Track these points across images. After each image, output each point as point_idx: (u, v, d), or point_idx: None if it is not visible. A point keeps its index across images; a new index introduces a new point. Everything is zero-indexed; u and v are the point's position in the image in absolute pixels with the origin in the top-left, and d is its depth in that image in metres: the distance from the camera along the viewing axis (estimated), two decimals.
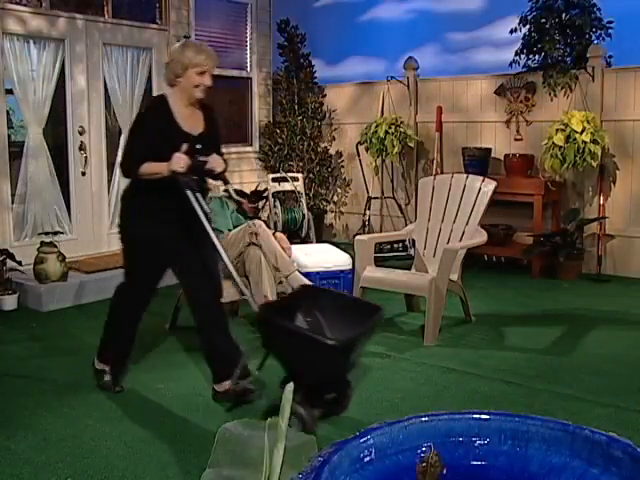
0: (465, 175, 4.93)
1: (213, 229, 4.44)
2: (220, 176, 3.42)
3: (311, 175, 7.59)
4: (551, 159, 5.85)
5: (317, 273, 4.59)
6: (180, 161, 3.13)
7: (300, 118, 7.54)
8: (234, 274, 3.24)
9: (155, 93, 6.61)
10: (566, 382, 3.64)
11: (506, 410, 1.86)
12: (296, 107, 7.57)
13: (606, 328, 4.66)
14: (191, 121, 3.31)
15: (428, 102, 7.07)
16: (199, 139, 3.29)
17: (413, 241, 5.11)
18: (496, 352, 4.14)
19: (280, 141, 7.53)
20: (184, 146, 3.18)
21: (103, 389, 3.53)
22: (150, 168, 3.16)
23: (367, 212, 7.29)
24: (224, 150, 7.28)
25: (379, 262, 4.87)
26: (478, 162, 6.40)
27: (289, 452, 1.72)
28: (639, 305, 5.23)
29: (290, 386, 1.67)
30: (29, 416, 3.23)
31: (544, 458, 1.65)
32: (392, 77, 7.24)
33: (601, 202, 6.09)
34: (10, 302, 5.07)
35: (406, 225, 6.43)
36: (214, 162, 3.30)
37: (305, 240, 6.70)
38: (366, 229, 7.23)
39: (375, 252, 4.82)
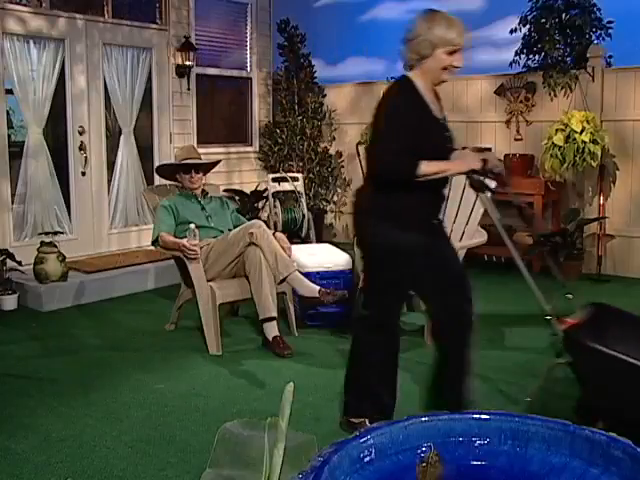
0: (465, 175, 4.92)
1: (211, 228, 4.51)
2: (499, 177, 2.90)
3: (311, 175, 7.58)
4: (551, 159, 5.85)
5: (317, 273, 4.59)
6: (476, 157, 2.75)
7: (300, 118, 7.54)
8: (528, 278, 2.95)
9: (155, 93, 6.62)
10: (566, 382, 3.63)
11: (506, 410, 1.86)
12: (296, 107, 7.57)
13: None
14: (437, 107, 2.87)
15: None
16: (447, 127, 2.89)
17: None
18: (496, 352, 4.14)
19: (280, 141, 7.52)
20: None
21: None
22: (433, 167, 2.68)
23: None
24: (223, 150, 7.22)
25: None
26: None
27: (289, 452, 1.72)
28: (639, 305, 5.22)
29: (290, 386, 1.67)
30: (29, 416, 3.23)
31: (544, 458, 1.64)
32: (392, 77, 7.23)
33: (601, 202, 6.09)
34: (10, 302, 5.07)
35: None
36: (494, 159, 2.85)
37: (305, 240, 6.70)
38: None
39: None
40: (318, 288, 4.16)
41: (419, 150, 2.67)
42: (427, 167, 2.66)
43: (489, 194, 2.96)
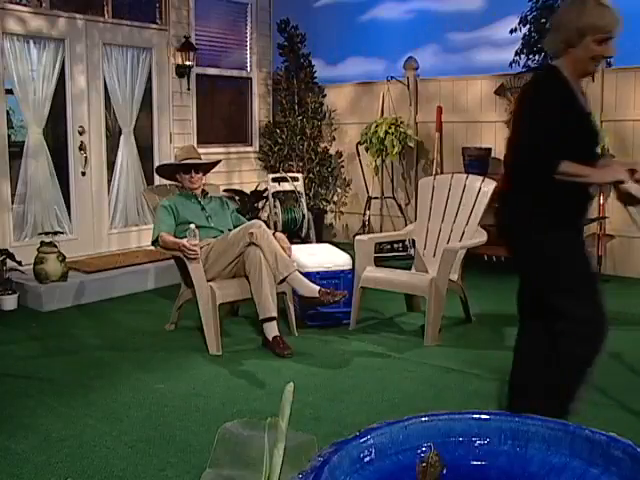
0: (465, 175, 4.93)
1: (211, 228, 4.51)
2: None
3: (311, 175, 7.59)
4: None
5: (317, 273, 4.59)
6: (622, 167, 2.56)
7: (300, 118, 7.54)
8: None
9: (155, 93, 6.62)
10: None
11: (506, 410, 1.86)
12: (296, 107, 7.57)
13: None
14: (584, 101, 2.61)
15: (428, 102, 7.06)
16: (595, 123, 2.67)
17: (413, 241, 5.11)
18: (496, 352, 4.13)
19: (280, 141, 7.53)
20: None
21: None
22: (575, 169, 2.44)
23: (367, 212, 7.28)
24: (223, 150, 7.20)
25: (379, 262, 4.87)
26: (478, 162, 6.40)
27: (289, 452, 1.72)
28: (639, 305, 5.22)
29: (290, 386, 1.67)
30: (29, 416, 3.23)
31: (544, 458, 1.64)
32: (392, 77, 7.24)
33: (601, 202, 6.09)
34: (10, 302, 5.07)
35: (406, 225, 6.43)
36: None
37: (305, 240, 6.70)
38: (366, 229, 7.23)
39: (375, 252, 4.82)
40: (318, 288, 4.16)
41: (564, 145, 2.44)
42: (568, 167, 2.43)
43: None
